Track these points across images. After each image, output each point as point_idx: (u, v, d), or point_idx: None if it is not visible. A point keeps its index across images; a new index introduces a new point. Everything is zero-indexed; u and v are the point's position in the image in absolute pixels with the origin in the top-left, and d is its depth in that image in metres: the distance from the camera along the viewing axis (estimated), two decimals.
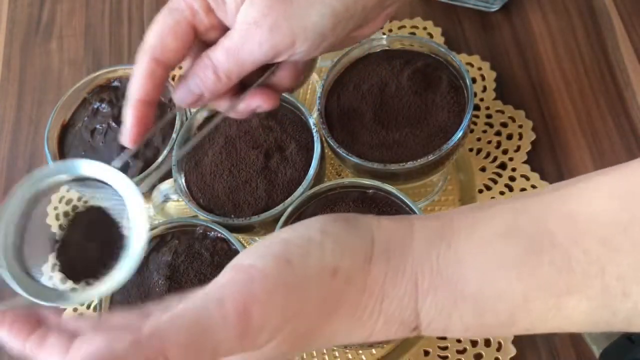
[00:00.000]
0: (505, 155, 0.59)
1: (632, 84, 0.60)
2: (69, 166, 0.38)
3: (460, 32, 0.66)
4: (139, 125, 0.40)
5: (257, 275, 0.30)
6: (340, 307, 0.31)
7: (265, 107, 0.42)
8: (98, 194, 0.39)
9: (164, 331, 0.27)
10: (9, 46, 0.77)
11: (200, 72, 0.39)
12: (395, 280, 0.32)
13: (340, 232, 0.33)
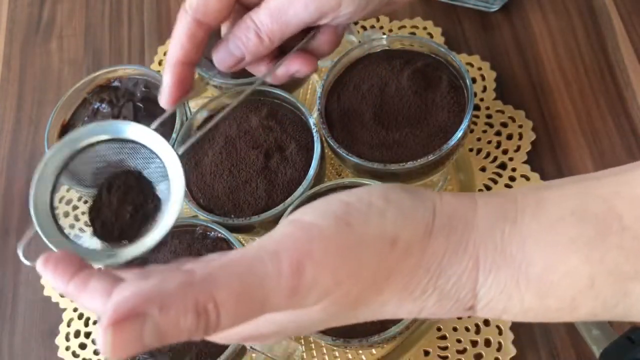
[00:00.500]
0: (505, 155, 0.59)
1: (632, 84, 0.60)
2: (112, 127, 0.38)
3: (460, 32, 0.66)
4: (179, 86, 0.40)
5: (317, 234, 0.29)
6: (393, 278, 0.30)
7: (305, 71, 0.42)
8: (135, 156, 0.39)
9: (216, 276, 0.27)
10: (9, 46, 0.77)
11: (242, 34, 0.39)
12: (455, 257, 0.31)
13: (402, 201, 0.31)
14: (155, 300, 0.25)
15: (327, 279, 0.29)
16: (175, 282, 0.26)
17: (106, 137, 0.38)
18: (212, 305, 0.26)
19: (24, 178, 0.68)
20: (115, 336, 0.24)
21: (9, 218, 0.67)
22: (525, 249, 0.30)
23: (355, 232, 0.30)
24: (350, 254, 0.30)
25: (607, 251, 0.29)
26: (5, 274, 0.64)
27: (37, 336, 0.61)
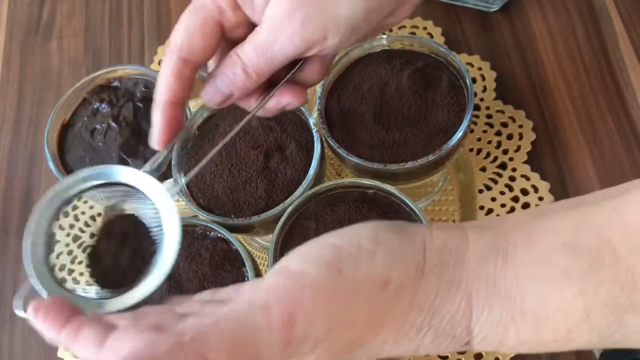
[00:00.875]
0: (506, 155, 0.59)
1: (632, 83, 0.60)
2: (103, 172, 0.38)
3: (460, 32, 0.66)
4: (169, 127, 0.39)
5: (308, 283, 0.29)
6: (387, 320, 0.30)
7: (295, 103, 0.41)
8: (128, 200, 0.39)
9: (207, 335, 0.27)
10: (9, 46, 0.77)
11: (229, 70, 0.39)
12: (448, 295, 0.31)
13: (392, 241, 0.32)
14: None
15: (319, 328, 0.29)
16: (167, 345, 0.26)
17: (98, 182, 0.38)
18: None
19: (24, 178, 0.68)
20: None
21: (8, 218, 0.67)
22: (519, 283, 0.30)
23: (346, 279, 0.30)
24: (342, 300, 0.30)
25: (601, 283, 0.29)
26: (5, 274, 0.64)
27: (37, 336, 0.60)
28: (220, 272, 0.48)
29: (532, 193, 0.57)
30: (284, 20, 0.37)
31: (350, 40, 0.38)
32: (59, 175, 0.54)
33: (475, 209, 0.58)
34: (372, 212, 0.47)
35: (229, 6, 0.38)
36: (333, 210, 0.48)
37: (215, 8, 0.38)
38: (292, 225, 0.48)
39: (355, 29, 0.38)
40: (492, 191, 0.58)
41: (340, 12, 0.37)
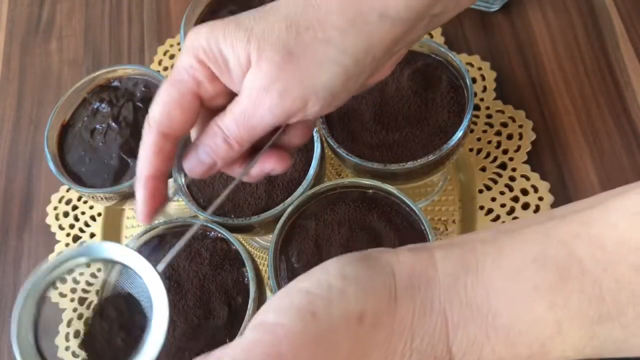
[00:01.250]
0: (505, 155, 0.59)
1: (632, 83, 0.60)
2: (87, 250, 0.38)
3: (460, 32, 0.66)
4: (152, 201, 0.39)
5: (283, 334, 0.30)
6: (370, 353, 0.31)
7: (279, 169, 0.41)
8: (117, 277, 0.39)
9: None
10: (9, 46, 0.77)
11: (210, 141, 0.38)
12: (423, 317, 0.31)
13: (359, 274, 0.32)
14: None
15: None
16: None
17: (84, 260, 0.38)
18: None
19: (24, 178, 0.68)
20: None
21: (8, 218, 0.67)
22: (490, 300, 0.31)
23: (322, 320, 0.30)
24: (321, 343, 0.30)
25: (569, 296, 0.29)
26: (5, 274, 0.64)
27: None
28: (220, 272, 0.48)
29: (532, 193, 0.57)
30: (262, 93, 0.36)
31: (332, 105, 0.38)
32: (59, 175, 0.54)
33: (475, 209, 0.58)
34: (372, 212, 0.47)
35: (206, 78, 0.38)
36: (333, 210, 0.48)
37: (192, 81, 0.38)
38: (292, 225, 0.48)
39: (335, 95, 0.37)
40: (492, 191, 0.58)
41: (319, 82, 0.36)
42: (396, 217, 0.47)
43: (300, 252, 0.47)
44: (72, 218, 0.65)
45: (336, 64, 0.36)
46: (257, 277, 0.47)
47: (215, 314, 0.47)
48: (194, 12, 0.59)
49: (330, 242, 0.47)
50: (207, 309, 0.47)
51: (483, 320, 0.31)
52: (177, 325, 0.47)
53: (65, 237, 0.64)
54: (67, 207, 0.65)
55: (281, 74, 0.36)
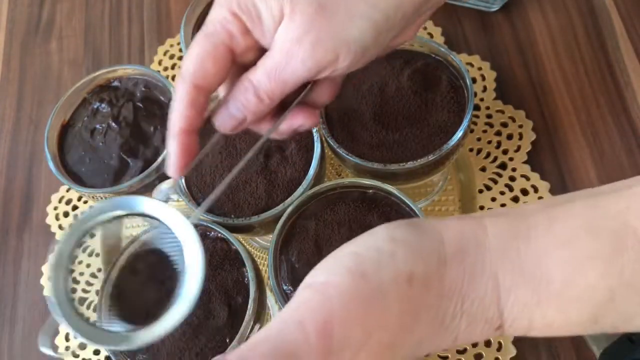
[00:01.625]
0: (506, 155, 0.59)
1: (632, 83, 0.60)
2: (126, 203, 0.38)
3: (461, 32, 0.66)
4: (185, 155, 0.39)
5: (334, 293, 0.29)
6: (420, 314, 0.31)
7: (308, 124, 0.41)
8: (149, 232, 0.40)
9: (247, 358, 0.27)
10: (9, 46, 0.77)
11: (241, 95, 0.39)
12: (474, 280, 0.31)
13: (408, 237, 0.32)
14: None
15: (356, 333, 0.29)
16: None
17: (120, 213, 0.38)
18: None
19: (23, 178, 0.68)
20: None
21: (8, 218, 0.67)
22: (542, 267, 0.30)
23: (371, 281, 0.30)
24: (372, 302, 0.30)
25: (625, 265, 0.29)
26: (5, 274, 0.64)
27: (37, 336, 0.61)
28: (220, 272, 0.48)
29: (532, 193, 0.57)
30: (295, 45, 0.37)
31: (360, 61, 0.39)
32: (59, 175, 0.54)
33: (475, 209, 0.58)
34: (372, 212, 0.47)
35: (238, 31, 0.38)
36: (333, 210, 0.48)
37: (225, 33, 0.38)
38: (292, 225, 0.48)
39: (366, 50, 0.38)
40: (492, 191, 0.58)
41: (351, 35, 0.37)
42: (396, 217, 0.47)
43: (300, 252, 0.47)
44: (72, 218, 0.65)
45: (367, 19, 0.36)
46: (257, 277, 0.47)
47: (215, 314, 0.47)
48: (194, 12, 0.59)
49: (330, 242, 0.47)
50: (207, 309, 0.47)
51: (535, 285, 0.30)
52: None
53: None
54: (67, 207, 0.65)
55: (314, 26, 0.36)
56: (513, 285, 0.31)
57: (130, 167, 0.54)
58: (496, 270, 0.31)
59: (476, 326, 0.31)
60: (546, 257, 0.31)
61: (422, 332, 0.31)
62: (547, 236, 0.31)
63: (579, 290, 0.30)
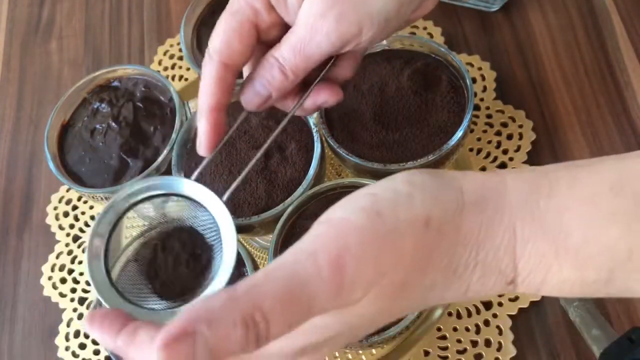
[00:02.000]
0: (505, 155, 0.59)
1: (632, 83, 0.60)
2: (167, 183, 0.39)
3: (461, 32, 0.66)
4: (215, 132, 0.40)
5: (350, 228, 0.29)
6: (434, 258, 0.30)
7: (332, 100, 0.42)
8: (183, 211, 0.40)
9: (259, 287, 0.27)
10: (9, 46, 0.77)
11: (266, 72, 0.39)
12: (491, 230, 0.30)
13: (427, 182, 0.31)
14: (203, 318, 0.26)
15: (369, 270, 0.29)
16: (221, 300, 0.26)
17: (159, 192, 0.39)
18: (259, 315, 0.26)
19: (24, 178, 0.68)
20: (168, 356, 0.25)
21: (8, 218, 0.67)
22: (563, 220, 0.30)
23: (387, 220, 0.30)
24: (387, 241, 0.29)
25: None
26: (5, 274, 0.64)
27: (37, 336, 0.61)
28: None
29: None
30: (319, 19, 0.37)
31: (383, 34, 0.39)
32: (59, 175, 0.54)
33: None
34: None
35: (263, 8, 0.39)
36: None
37: (250, 10, 0.39)
38: (292, 225, 0.48)
39: (388, 22, 0.38)
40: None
41: (373, 7, 0.37)
42: None
43: None
44: (72, 218, 0.65)
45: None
46: None
47: None
48: (194, 12, 0.59)
49: None
50: None
51: (554, 238, 0.30)
52: None
53: (65, 237, 0.64)
54: (67, 207, 0.65)
55: (337, 0, 0.37)
56: (531, 237, 0.30)
57: (130, 167, 0.54)
58: (514, 221, 0.30)
59: (489, 278, 0.31)
60: (567, 211, 0.30)
61: (434, 277, 0.31)
62: (569, 192, 0.31)
63: (598, 247, 0.30)
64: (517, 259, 0.31)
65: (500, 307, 0.53)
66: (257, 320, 0.26)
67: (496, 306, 0.53)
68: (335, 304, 0.28)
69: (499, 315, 0.52)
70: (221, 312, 0.26)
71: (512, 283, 0.31)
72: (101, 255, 0.37)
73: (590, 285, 0.31)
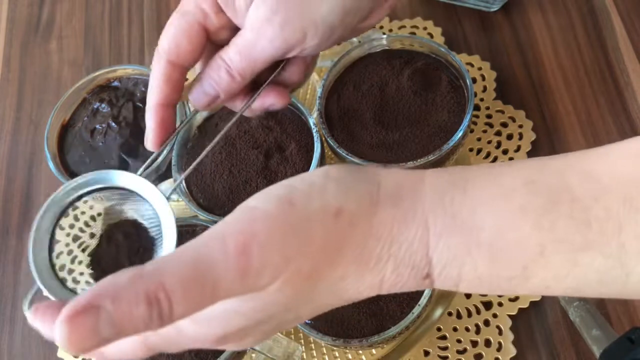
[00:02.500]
0: (506, 155, 0.59)
1: (632, 84, 0.60)
2: (102, 177, 0.39)
3: (461, 32, 0.66)
4: (161, 128, 0.41)
5: (260, 215, 0.30)
6: (345, 249, 0.31)
7: (279, 104, 0.43)
8: (127, 203, 0.41)
9: (164, 266, 0.28)
10: (9, 46, 0.77)
11: (214, 73, 0.41)
12: (404, 224, 0.31)
13: (344, 175, 0.32)
14: (107, 293, 0.26)
15: (275, 257, 0.29)
16: (127, 277, 0.27)
17: (97, 186, 0.39)
18: (162, 294, 0.27)
19: (23, 178, 0.68)
20: (71, 329, 0.25)
21: (8, 218, 0.67)
22: (476, 216, 0.30)
23: (298, 210, 0.30)
24: (296, 230, 0.30)
25: (557, 219, 0.29)
26: (5, 274, 0.64)
27: (37, 336, 0.60)
28: None
29: None
30: (264, 24, 0.39)
31: (329, 41, 0.40)
32: (59, 175, 0.54)
33: None
34: None
35: (212, 10, 0.40)
36: None
37: (199, 12, 0.40)
38: None
39: (333, 30, 0.39)
40: None
41: (318, 14, 0.38)
42: None
43: None
44: (71, 218, 0.65)
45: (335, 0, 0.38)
46: None
47: None
48: None
49: None
50: None
51: (466, 233, 0.30)
52: None
53: (65, 237, 0.64)
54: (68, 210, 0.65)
55: (282, 6, 0.38)
56: (444, 231, 0.31)
57: (130, 167, 0.54)
58: (427, 216, 0.31)
59: (403, 271, 0.31)
60: (480, 206, 0.31)
61: (345, 269, 0.31)
62: (484, 188, 0.31)
63: (509, 241, 0.30)
64: (430, 253, 0.31)
65: (500, 307, 0.53)
66: (160, 298, 0.27)
67: (496, 306, 0.53)
68: (241, 289, 0.29)
69: (499, 316, 0.52)
70: (125, 289, 0.26)
71: (428, 277, 0.31)
72: (45, 248, 0.38)
73: (508, 282, 0.31)
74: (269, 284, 0.29)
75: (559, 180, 0.30)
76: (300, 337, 0.54)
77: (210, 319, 0.30)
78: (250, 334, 0.32)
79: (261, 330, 0.32)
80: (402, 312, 0.47)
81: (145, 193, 0.39)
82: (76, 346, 0.26)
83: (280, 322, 0.32)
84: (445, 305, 0.53)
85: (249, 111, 0.43)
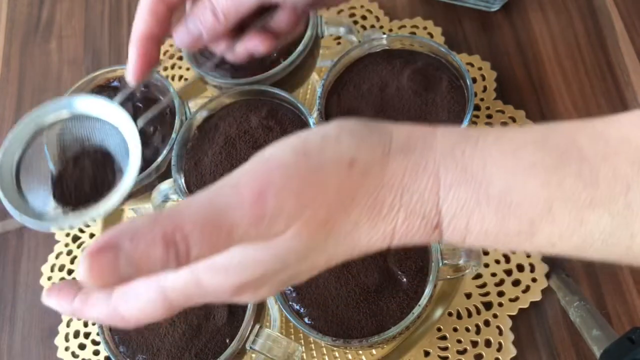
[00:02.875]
0: None
1: (633, 84, 0.60)
2: (67, 103, 0.40)
3: (461, 32, 0.66)
4: (143, 61, 0.42)
5: (276, 164, 0.31)
6: (358, 197, 0.31)
7: (262, 49, 0.44)
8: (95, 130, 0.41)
9: (181, 211, 0.28)
10: (9, 46, 0.77)
11: (199, 13, 0.42)
12: (416, 174, 0.31)
13: (357, 127, 0.33)
14: (127, 234, 0.27)
15: (291, 203, 0.30)
16: (144, 220, 0.28)
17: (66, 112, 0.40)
18: (179, 236, 0.27)
19: None
20: (92, 264, 0.26)
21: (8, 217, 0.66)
22: (486, 170, 0.31)
23: (313, 159, 0.31)
24: (311, 178, 0.31)
25: (565, 177, 0.30)
26: (5, 274, 0.64)
27: (37, 336, 0.61)
28: None
29: None
30: None
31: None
32: None
33: None
34: None
35: None
36: None
37: None
38: None
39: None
40: None
41: None
42: None
43: None
44: None
45: None
46: None
47: (215, 314, 0.47)
48: None
49: None
50: (207, 309, 0.47)
51: (476, 185, 0.31)
52: (177, 326, 0.47)
53: (65, 237, 0.64)
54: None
55: None
56: (454, 183, 0.31)
57: None
58: (438, 167, 0.31)
59: (414, 221, 0.32)
60: (490, 161, 0.31)
61: (359, 216, 0.31)
62: (494, 144, 0.32)
63: (518, 197, 0.30)
64: (440, 203, 0.31)
65: (500, 308, 0.53)
66: (177, 240, 0.27)
67: (496, 306, 0.53)
68: (257, 234, 0.29)
69: (499, 316, 0.52)
70: (143, 230, 0.27)
71: (438, 228, 0.32)
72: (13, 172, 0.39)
73: (514, 237, 0.31)
74: (284, 231, 0.30)
75: (569, 140, 0.31)
76: (300, 337, 0.54)
77: (228, 268, 0.30)
78: (266, 282, 0.32)
79: (277, 280, 0.33)
80: (402, 312, 0.47)
81: (111, 117, 0.39)
82: (97, 280, 0.27)
83: (295, 272, 0.33)
84: (446, 306, 0.53)
85: (232, 55, 0.44)
